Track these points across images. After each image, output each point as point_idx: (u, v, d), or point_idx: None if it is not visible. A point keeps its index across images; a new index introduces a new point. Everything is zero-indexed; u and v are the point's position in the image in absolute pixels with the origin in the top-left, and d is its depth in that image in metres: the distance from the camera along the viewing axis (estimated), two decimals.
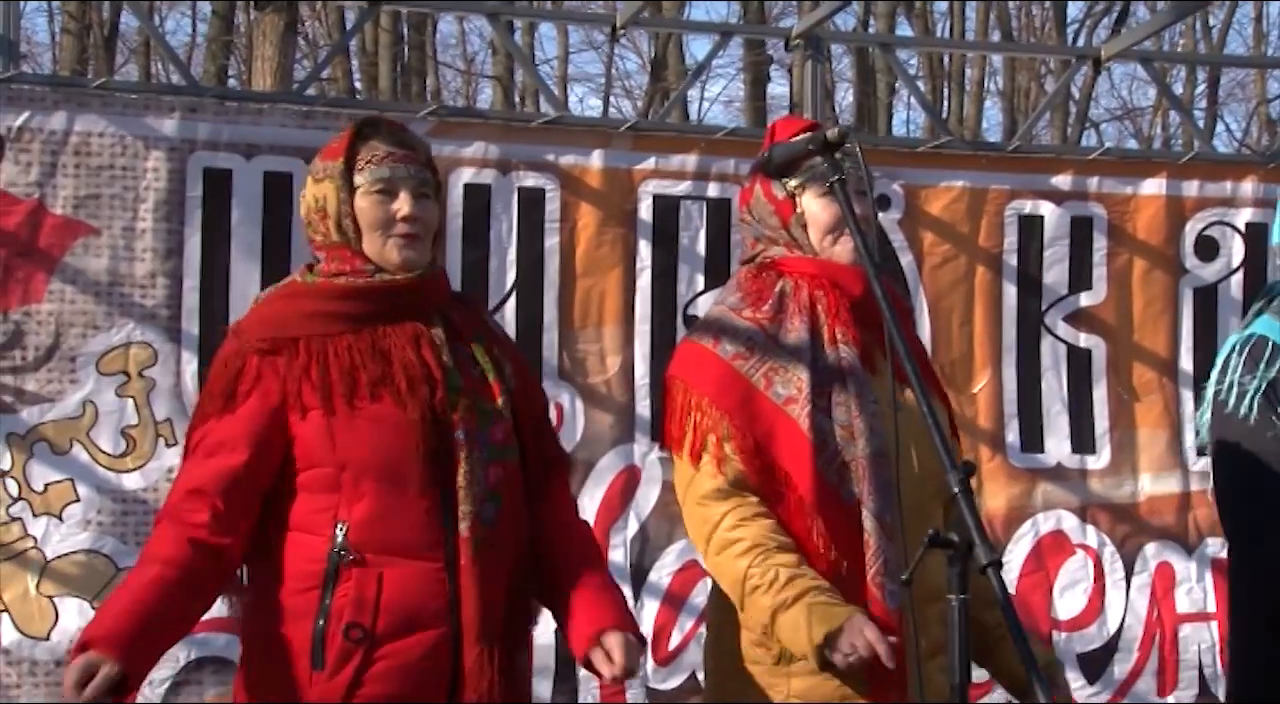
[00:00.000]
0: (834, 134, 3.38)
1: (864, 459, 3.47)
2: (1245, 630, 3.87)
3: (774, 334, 3.56)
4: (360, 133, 3.48)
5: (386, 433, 3.30)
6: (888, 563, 3.44)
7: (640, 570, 6.17)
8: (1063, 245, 6.68)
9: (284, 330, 3.36)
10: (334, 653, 3.23)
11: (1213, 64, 21.10)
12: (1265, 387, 3.75)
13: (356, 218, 3.41)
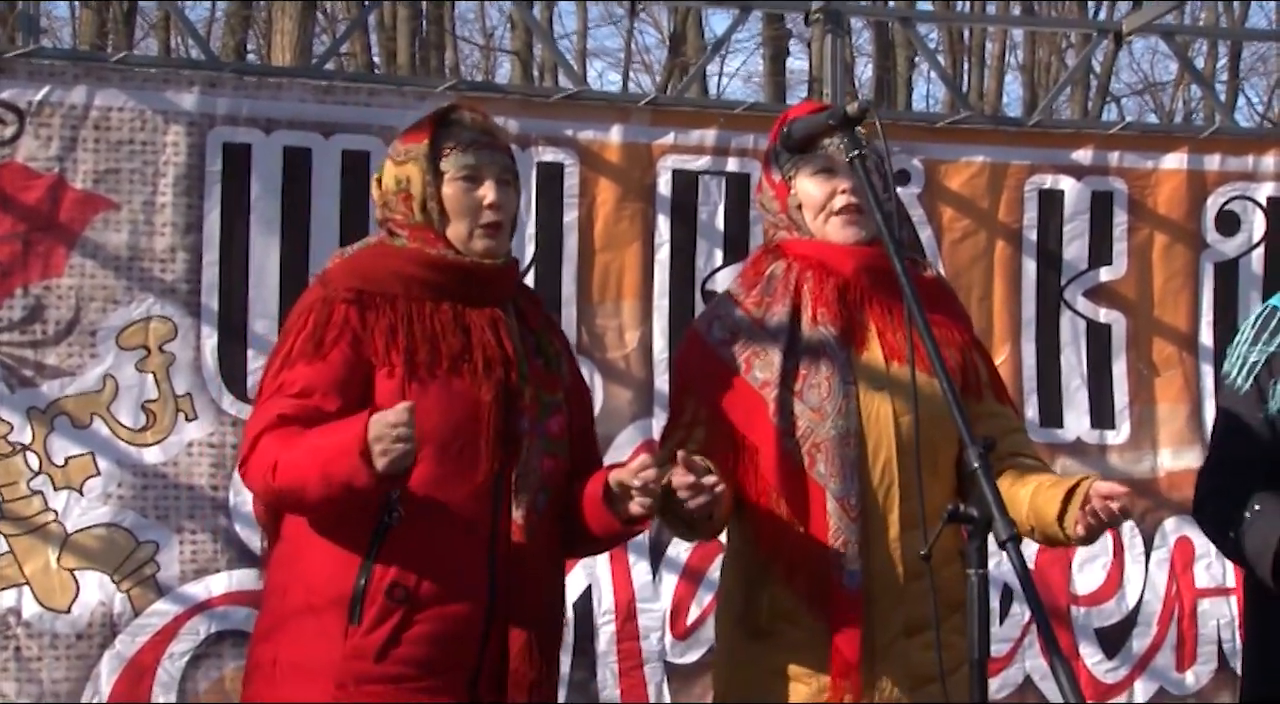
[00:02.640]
0: (854, 109, 3.39)
1: (829, 440, 3.48)
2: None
3: (759, 318, 3.59)
4: (445, 117, 3.51)
5: (460, 407, 3.33)
6: (849, 543, 3.45)
7: (659, 546, 6.20)
8: (1083, 220, 6.68)
9: (372, 284, 3.39)
10: (373, 610, 3.26)
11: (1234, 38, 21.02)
12: (1265, 360, 3.77)
13: (443, 202, 3.43)
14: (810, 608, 3.49)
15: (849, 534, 3.46)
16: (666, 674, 6.20)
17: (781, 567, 3.52)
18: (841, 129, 3.39)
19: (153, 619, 5.79)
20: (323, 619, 3.28)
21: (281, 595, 3.39)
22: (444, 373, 3.34)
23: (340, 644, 3.26)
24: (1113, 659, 6.57)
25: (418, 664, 3.27)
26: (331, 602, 3.28)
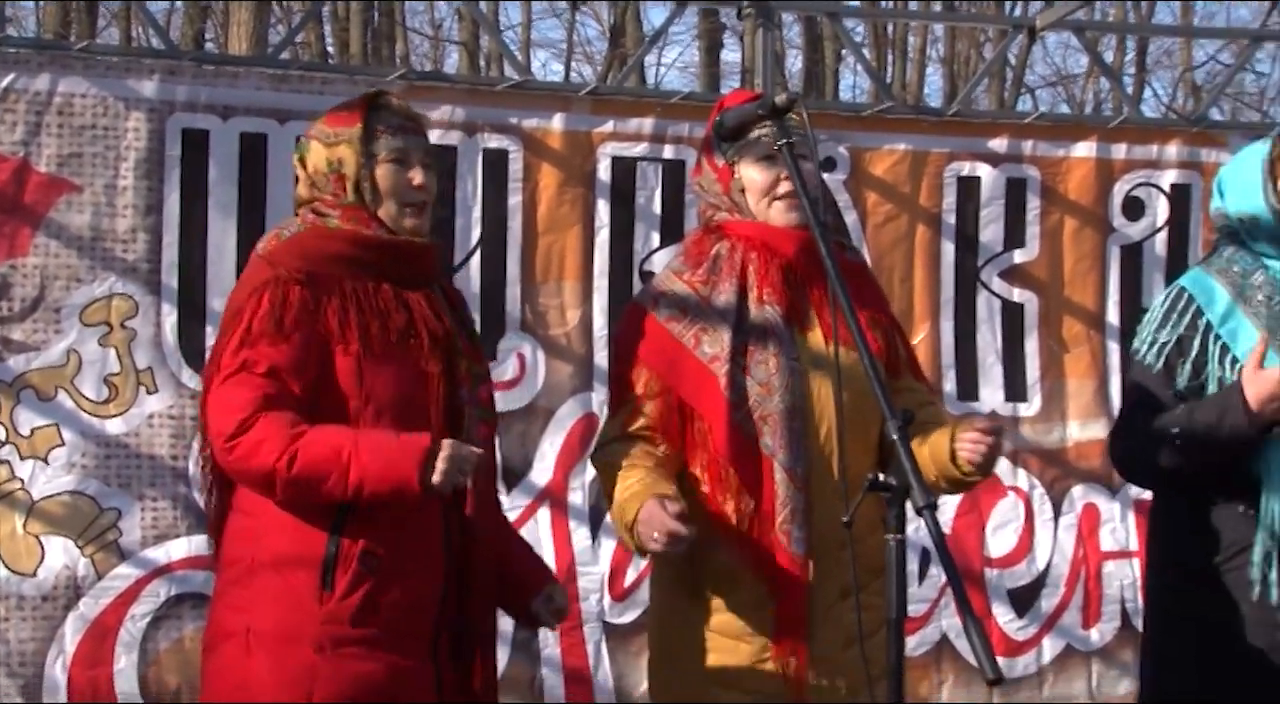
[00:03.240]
0: (783, 100, 3.39)
1: (777, 414, 3.50)
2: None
3: (706, 296, 3.59)
4: (375, 101, 3.51)
5: (410, 379, 3.34)
6: (794, 512, 3.47)
7: (598, 512, 6.16)
8: (998, 205, 6.71)
9: (318, 266, 3.37)
10: (345, 578, 3.25)
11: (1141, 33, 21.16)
12: (1175, 341, 3.81)
13: (375, 183, 3.42)
14: (754, 571, 3.51)
15: (795, 502, 3.48)
16: (605, 633, 6.21)
17: (729, 532, 3.53)
18: (771, 118, 3.40)
19: (115, 582, 5.77)
20: (295, 589, 3.27)
21: (247, 567, 3.35)
22: (394, 348, 3.34)
23: (315, 611, 3.25)
24: (1023, 618, 6.62)
25: (389, 627, 3.28)
26: (302, 571, 3.27)
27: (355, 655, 3.26)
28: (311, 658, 3.25)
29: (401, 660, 3.29)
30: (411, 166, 3.46)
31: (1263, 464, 3.75)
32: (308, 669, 3.25)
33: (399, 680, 3.29)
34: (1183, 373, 3.81)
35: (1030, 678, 6.58)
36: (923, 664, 6.33)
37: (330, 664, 3.25)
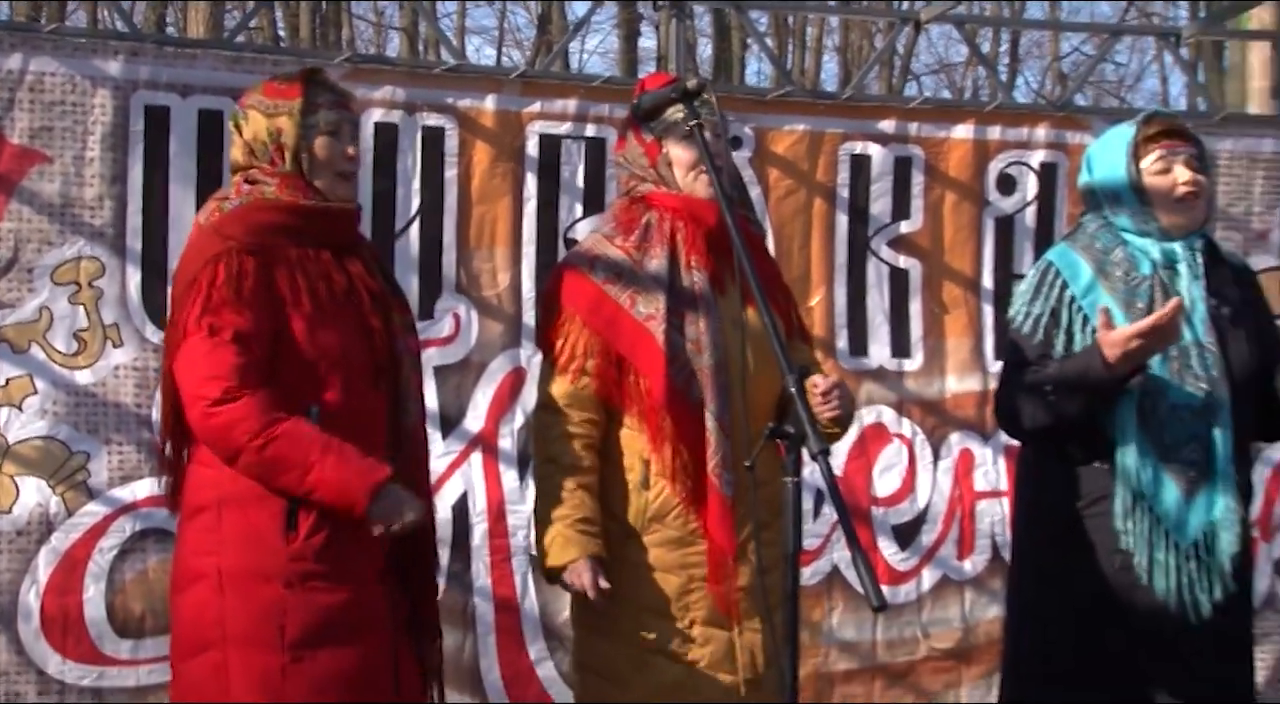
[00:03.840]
0: (694, 84, 3.40)
1: (708, 369, 3.52)
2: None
3: (639, 261, 3.59)
4: (312, 79, 3.47)
5: (355, 336, 3.32)
6: (725, 457, 3.49)
7: (526, 457, 6.11)
8: (887, 181, 6.72)
9: (266, 237, 3.34)
10: (308, 520, 3.23)
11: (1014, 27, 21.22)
12: (1049, 312, 3.83)
13: (314, 153, 3.39)
14: (686, 509, 3.52)
15: (724, 449, 3.50)
16: (531, 566, 6.21)
17: (665, 474, 3.54)
18: (684, 101, 3.40)
19: (84, 519, 5.73)
20: (261, 531, 3.26)
21: (214, 513, 3.33)
22: (339, 308, 3.32)
23: (283, 550, 3.24)
24: (905, 550, 6.65)
25: (349, 561, 3.26)
26: (267, 516, 3.25)
27: (321, 589, 3.25)
28: (281, 593, 3.24)
29: (359, 589, 3.29)
30: (345, 139, 3.43)
31: (1116, 424, 3.78)
32: (278, 603, 3.24)
33: (359, 607, 3.28)
34: (1058, 340, 3.84)
35: (911, 605, 6.62)
36: (815, 593, 6.36)
37: (298, 597, 3.24)
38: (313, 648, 3.22)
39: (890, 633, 6.59)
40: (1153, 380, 3.74)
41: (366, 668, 3.27)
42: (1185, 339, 3.76)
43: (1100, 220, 3.94)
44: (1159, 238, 3.84)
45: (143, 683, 5.71)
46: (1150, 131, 3.88)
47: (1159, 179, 3.83)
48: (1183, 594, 3.73)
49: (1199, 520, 3.77)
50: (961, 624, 6.64)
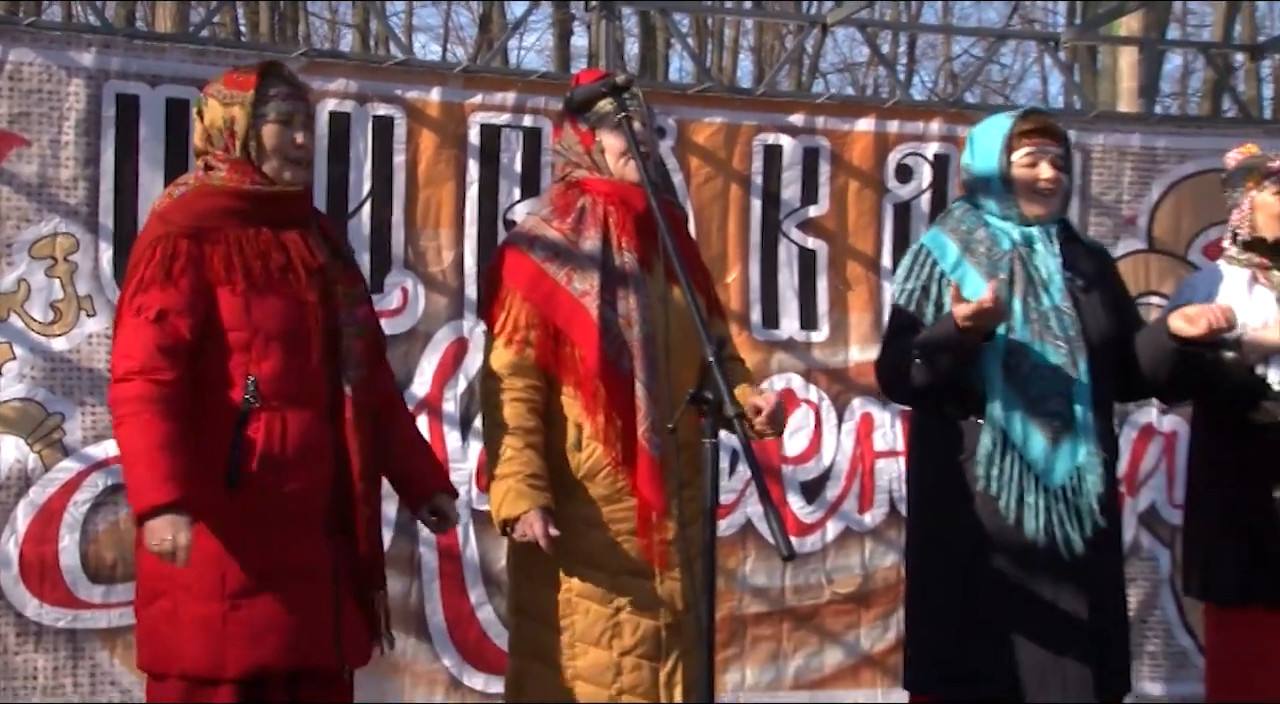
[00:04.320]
0: (622, 79, 3.41)
1: (637, 341, 3.52)
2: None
3: (574, 242, 3.59)
4: (268, 71, 3.43)
5: (291, 308, 3.29)
6: (654, 422, 3.49)
7: (467, 418, 6.17)
8: (797, 169, 6.73)
9: (204, 221, 3.32)
10: (246, 477, 3.21)
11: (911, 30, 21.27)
12: (921, 288, 3.88)
13: (262, 141, 3.36)
14: (616, 469, 3.52)
15: (653, 415, 3.50)
16: (472, 518, 6.22)
17: (598, 437, 3.54)
18: (613, 94, 3.39)
19: (60, 474, 5.70)
20: (209, 485, 3.24)
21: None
22: (275, 283, 3.29)
23: (224, 506, 3.22)
24: (811, 505, 6.69)
25: (288, 515, 3.25)
26: (212, 473, 3.23)
27: (260, 541, 3.23)
28: (222, 545, 3.22)
29: (299, 541, 3.27)
30: (295, 128, 3.40)
31: (984, 377, 3.82)
32: (219, 555, 3.23)
33: (298, 558, 3.27)
34: (928, 311, 3.88)
35: (816, 554, 6.65)
36: (730, 544, 6.39)
37: (238, 549, 3.22)
38: (250, 596, 3.20)
39: (798, 579, 6.62)
40: (1017, 341, 3.80)
41: (305, 615, 3.25)
42: (1044, 304, 3.84)
43: (966, 206, 4.04)
44: (1019, 223, 3.90)
45: (114, 625, 5.69)
46: (1024, 128, 3.95)
47: (1025, 171, 3.91)
48: (1053, 533, 3.77)
49: (1066, 465, 3.82)
50: (861, 571, 6.68)
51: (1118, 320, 3.97)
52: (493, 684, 6.11)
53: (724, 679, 6.40)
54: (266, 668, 3.21)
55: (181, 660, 3.24)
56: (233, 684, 3.20)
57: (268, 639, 3.21)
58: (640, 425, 3.49)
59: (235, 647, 3.20)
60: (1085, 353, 3.84)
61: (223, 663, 3.20)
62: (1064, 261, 3.91)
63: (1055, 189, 3.92)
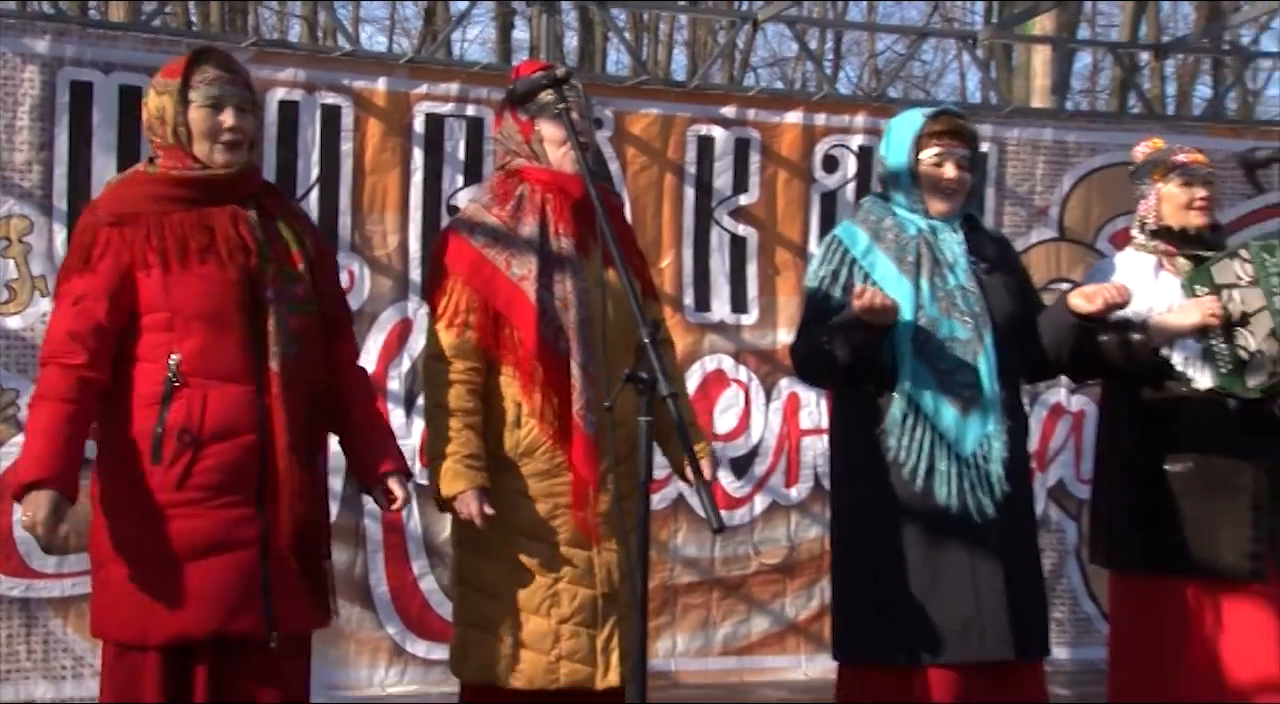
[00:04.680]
0: (563, 72, 3.39)
1: (574, 323, 3.51)
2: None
3: (513, 228, 3.57)
4: (195, 58, 3.38)
5: (211, 288, 3.24)
6: (588, 401, 3.49)
7: (411, 396, 6.15)
8: (729, 159, 6.73)
9: (129, 208, 3.28)
10: (169, 451, 3.18)
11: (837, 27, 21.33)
12: (832, 273, 3.91)
13: (189, 126, 3.32)
14: (553, 445, 3.52)
15: (589, 394, 3.50)
16: (415, 493, 6.11)
17: (535, 415, 3.54)
18: (553, 87, 3.38)
19: (13, 449, 5.56)
20: (131, 464, 3.23)
21: (106, 449, 3.31)
22: (195, 264, 3.25)
23: (148, 480, 3.20)
24: (740, 480, 6.70)
25: (210, 488, 3.21)
26: (137, 451, 3.21)
27: (183, 514, 3.20)
28: (147, 517, 3.20)
29: (227, 512, 3.23)
30: (224, 110, 3.35)
31: (898, 356, 3.85)
32: (144, 528, 3.21)
33: (227, 527, 3.23)
34: (836, 295, 3.91)
35: (745, 526, 6.67)
36: (663, 516, 6.40)
37: (161, 522, 3.20)
38: (173, 567, 3.18)
39: (727, 551, 6.64)
40: (926, 317, 3.83)
41: (229, 584, 3.21)
42: (950, 284, 3.89)
43: (875, 199, 4.08)
44: (924, 217, 3.94)
45: (67, 594, 5.63)
46: (934, 128, 3.99)
47: (932, 170, 3.96)
48: (965, 499, 3.80)
49: (976, 434, 3.85)
50: (787, 543, 6.71)
51: (1020, 302, 4.03)
52: (435, 651, 6.09)
53: (656, 646, 6.42)
54: (189, 636, 3.18)
55: (112, 628, 3.23)
56: (158, 651, 3.18)
57: (189, 608, 3.18)
58: (576, 404, 3.49)
59: (158, 615, 3.17)
60: (990, 329, 3.89)
61: (147, 630, 3.18)
62: (967, 247, 3.96)
63: (959, 188, 3.97)
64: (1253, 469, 4.14)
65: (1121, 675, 4.28)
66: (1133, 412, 4.26)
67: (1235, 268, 4.10)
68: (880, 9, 22.26)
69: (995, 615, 3.78)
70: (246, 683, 3.25)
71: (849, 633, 3.96)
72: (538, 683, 3.46)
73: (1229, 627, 4.10)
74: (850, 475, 4.00)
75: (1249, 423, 4.14)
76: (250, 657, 3.25)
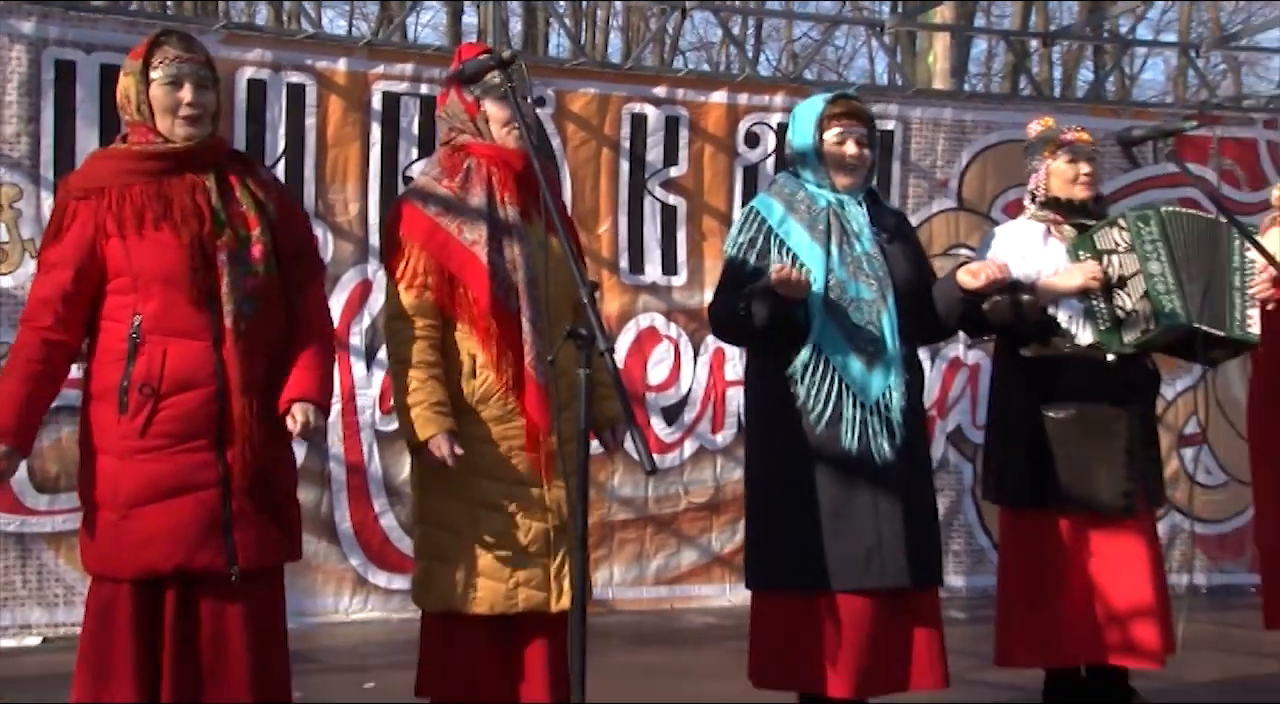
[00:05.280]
0: (508, 54, 3.35)
1: (522, 283, 3.49)
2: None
3: (462, 198, 3.54)
4: (156, 40, 3.33)
5: (167, 253, 3.20)
6: (539, 353, 3.48)
7: (372, 350, 6.16)
8: (660, 135, 6.74)
9: (96, 182, 3.24)
10: (133, 403, 3.16)
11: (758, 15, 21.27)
12: (749, 241, 3.91)
13: (151, 103, 3.28)
14: (507, 392, 3.51)
15: (538, 346, 3.48)
16: (375, 437, 6.21)
17: (490, 366, 3.52)
18: (500, 68, 3.35)
19: None
20: (102, 415, 3.22)
21: (86, 397, 3.29)
22: (151, 231, 3.22)
23: (115, 429, 3.18)
24: (671, 426, 6.74)
25: (171, 436, 3.18)
26: (107, 402, 3.20)
27: (147, 460, 3.18)
28: (115, 463, 3.19)
29: (189, 457, 3.21)
30: (183, 87, 3.30)
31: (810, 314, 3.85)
32: (113, 471, 3.19)
33: (188, 471, 3.20)
34: (751, 260, 3.91)
35: (675, 469, 6.72)
36: (601, 460, 6.37)
37: (128, 466, 3.18)
38: (140, 507, 3.17)
39: (658, 490, 6.68)
40: (836, 280, 3.85)
41: (191, 523, 3.20)
42: (857, 250, 3.91)
43: (788, 175, 4.08)
44: (831, 190, 3.96)
45: (58, 529, 5.63)
46: (834, 111, 3.99)
47: (835, 148, 3.96)
48: (868, 442, 3.83)
49: (878, 385, 3.87)
50: (714, 484, 6.76)
51: (917, 269, 4.06)
52: (395, 581, 6.11)
53: (595, 577, 6.44)
54: (155, 570, 3.18)
55: (92, 561, 3.24)
56: (129, 583, 3.18)
57: (155, 545, 3.17)
58: (528, 356, 3.47)
59: (127, 551, 3.17)
60: (892, 291, 3.91)
61: (118, 565, 3.18)
62: (870, 219, 3.99)
63: (860, 164, 3.99)
64: (1127, 416, 4.20)
65: (1009, 600, 4.33)
66: (1021, 365, 4.30)
67: (1114, 235, 4.15)
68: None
69: (894, 547, 3.81)
70: (212, 612, 3.24)
71: (762, 562, 3.98)
72: (498, 608, 3.47)
73: (1104, 556, 4.17)
74: (764, 421, 4.02)
75: (1124, 375, 4.20)
76: (215, 588, 3.24)
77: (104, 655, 3.20)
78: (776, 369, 3.91)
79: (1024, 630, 4.26)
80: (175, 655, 3.19)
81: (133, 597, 3.19)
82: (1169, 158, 7.45)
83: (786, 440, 3.89)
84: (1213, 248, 4.17)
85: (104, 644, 3.21)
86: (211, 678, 3.22)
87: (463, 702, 3.56)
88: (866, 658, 3.82)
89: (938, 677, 3.87)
